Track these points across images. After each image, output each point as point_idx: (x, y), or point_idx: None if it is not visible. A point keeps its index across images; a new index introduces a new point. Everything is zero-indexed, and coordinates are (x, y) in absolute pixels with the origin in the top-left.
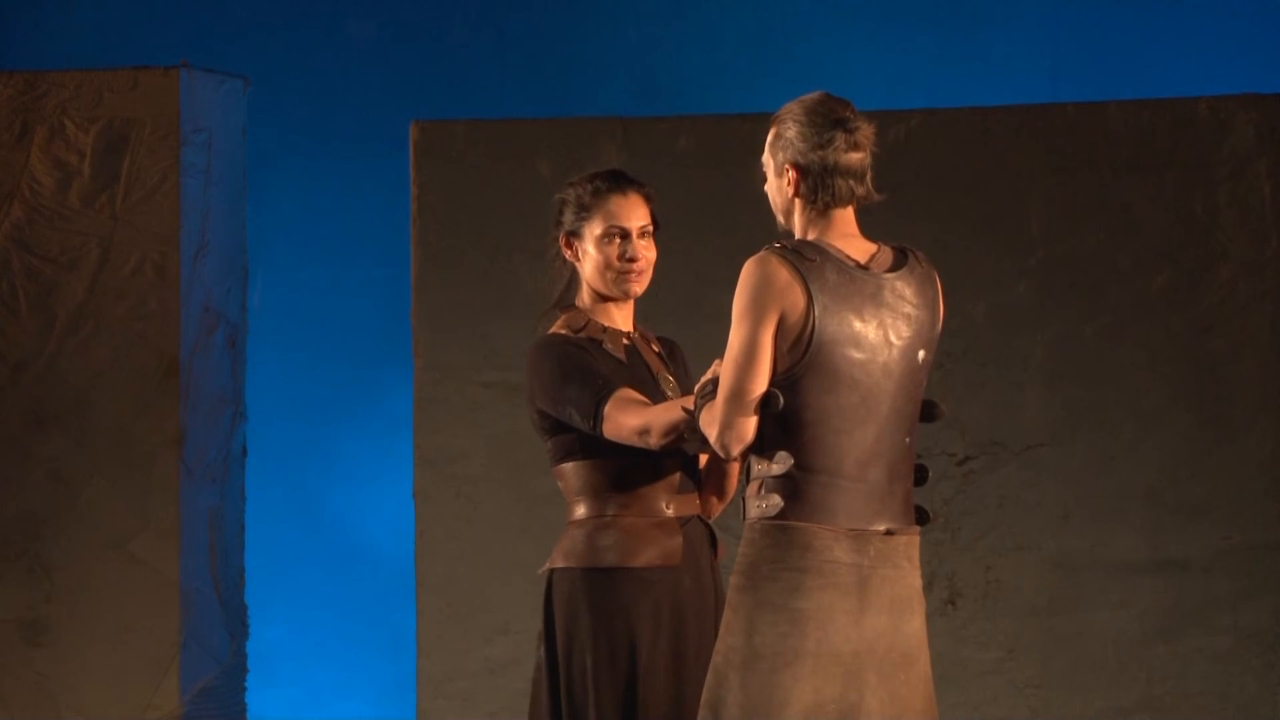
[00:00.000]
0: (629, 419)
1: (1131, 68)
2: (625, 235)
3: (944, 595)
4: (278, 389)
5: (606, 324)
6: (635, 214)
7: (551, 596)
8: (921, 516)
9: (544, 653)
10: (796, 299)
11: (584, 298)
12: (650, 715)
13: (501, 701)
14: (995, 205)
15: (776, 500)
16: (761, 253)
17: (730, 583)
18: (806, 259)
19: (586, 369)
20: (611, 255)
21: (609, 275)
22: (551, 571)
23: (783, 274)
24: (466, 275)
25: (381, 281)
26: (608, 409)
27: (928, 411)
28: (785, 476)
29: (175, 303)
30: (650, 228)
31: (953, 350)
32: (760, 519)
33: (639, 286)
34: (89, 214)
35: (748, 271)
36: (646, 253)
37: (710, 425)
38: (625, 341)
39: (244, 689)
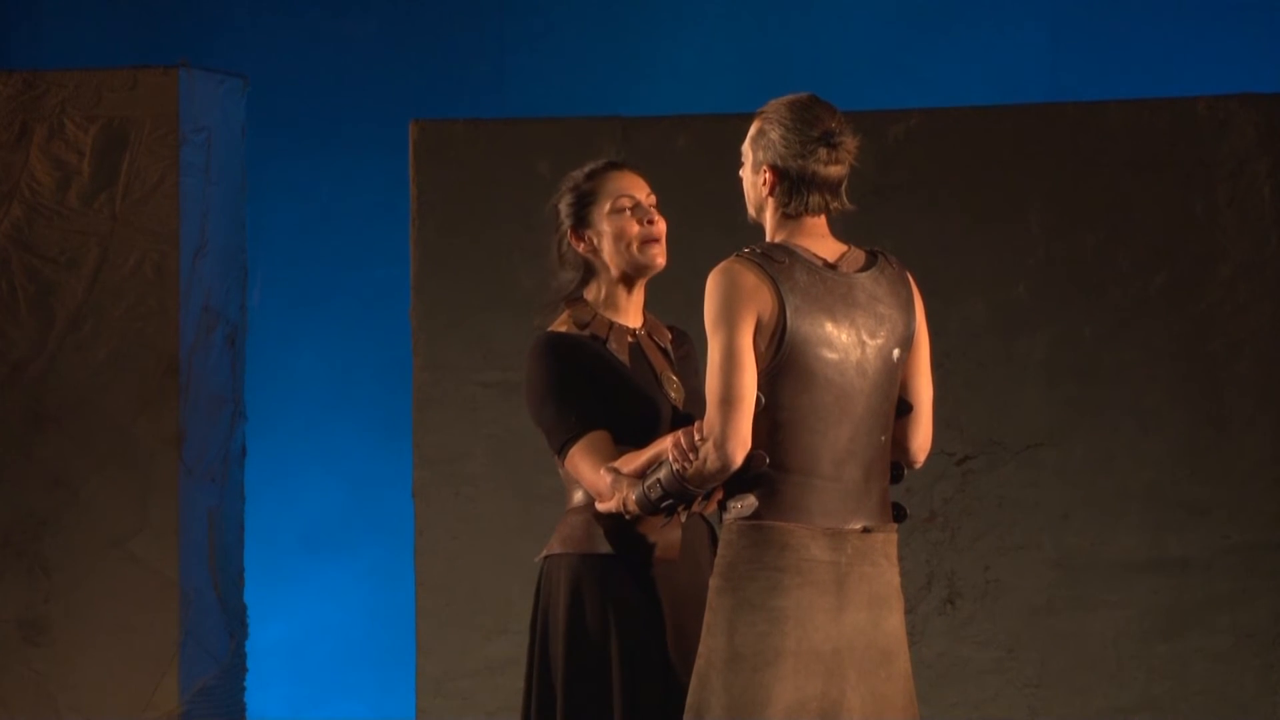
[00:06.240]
0: (588, 472)
1: (1131, 68)
2: (637, 204)
3: (943, 595)
4: (277, 389)
5: (614, 319)
6: (640, 187)
7: (541, 582)
8: (899, 514)
9: (530, 635)
10: (767, 300)
11: (594, 292)
12: (629, 705)
13: (501, 701)
14: (995, 205)
15: (752, 500)
16: (724, 262)
17: (710, 585)
18: (775, 261)
19: (567, 395)
20: (629, 225)
21: (632, 246)
22: (546, 558)
23: (749, 277)
24: (466, 275)
25: (381, 281)
26: (574, 450)
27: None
28: (761, 476)
29: (175, 302)
30: (655, 201)
31: (953, 350)
32: (737, 519)
33: (661, 257)
34: (88, 213)
35: (713, 281)
36: (660, 223)
37: (711, 444)
38: (630, 339)
39: (243, 688)
